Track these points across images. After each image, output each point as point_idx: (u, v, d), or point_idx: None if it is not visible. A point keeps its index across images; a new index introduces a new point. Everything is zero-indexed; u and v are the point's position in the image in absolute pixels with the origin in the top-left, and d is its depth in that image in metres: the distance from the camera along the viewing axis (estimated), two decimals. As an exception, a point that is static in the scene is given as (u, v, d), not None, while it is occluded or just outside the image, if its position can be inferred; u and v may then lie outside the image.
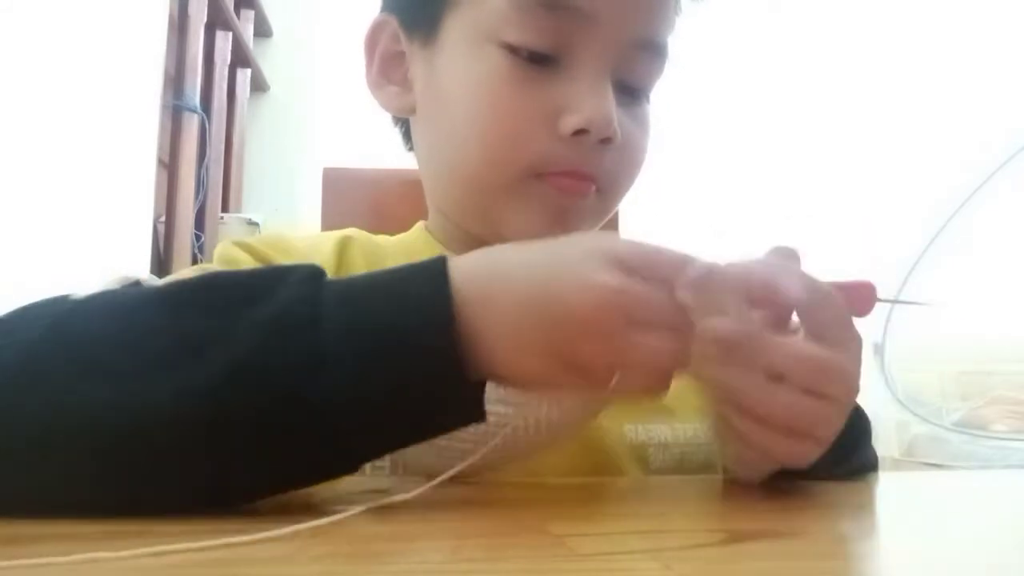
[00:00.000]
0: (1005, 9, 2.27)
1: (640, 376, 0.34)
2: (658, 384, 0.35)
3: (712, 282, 0.34)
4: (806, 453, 0.38)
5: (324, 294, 0.33)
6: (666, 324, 0.34)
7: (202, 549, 0.26)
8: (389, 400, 0.32)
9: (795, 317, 0.38)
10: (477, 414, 0.35)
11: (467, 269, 0.35)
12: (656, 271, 0.34)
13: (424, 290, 0.34)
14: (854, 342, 0.37)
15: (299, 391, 0.31)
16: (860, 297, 0.39)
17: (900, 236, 2.14)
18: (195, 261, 1.79)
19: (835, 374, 0.36)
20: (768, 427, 0.36)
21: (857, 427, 0.48)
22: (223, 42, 2.06)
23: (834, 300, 0.37)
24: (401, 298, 0.34)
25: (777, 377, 0.35)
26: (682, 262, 0.34)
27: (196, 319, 0.33)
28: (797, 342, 0.37)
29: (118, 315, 0.34)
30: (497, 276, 0.35)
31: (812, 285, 0.37)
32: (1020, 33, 2.21)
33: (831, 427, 0.38)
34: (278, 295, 0.33)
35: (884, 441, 2.05)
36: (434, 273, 0.34)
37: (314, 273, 0.35)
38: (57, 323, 0.33)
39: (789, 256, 0.40)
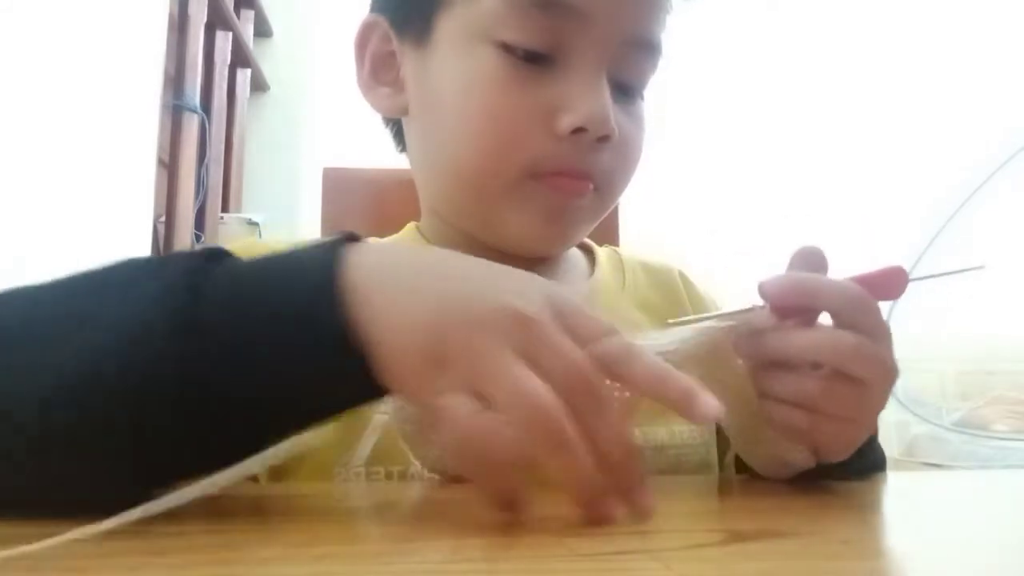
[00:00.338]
0: (1005, 9, 2.27)
1: (473, 421, 0.29)
2: (478, 463, 0.30)
3: (618, 365, 0.31)
4: (851, 437, 0.40)
5: (215, 267, 0.32)
6: (557, 378, 0.29)
7: (195, 540, 0.26)
8: (260, 368, 0.30)
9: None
10: (367, 392, 0.32)
11: (372, 249, 0.33)
12: (581, 329, 0.31)
13: (312, 263, 0.32)
14: (883, 331, 0.38)
15: (168, 354, 0.30)
16: (891, 283, 0.39)
17: (900, 236, 2.14)
18: (195, 261, 1.78)
19: (869, 357, 0.37)
20: (811, 414, 0.37)
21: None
22: (223, 42, 2.06)
23: (864, 300, 0.38)
24: (287, 268, 0.32)
25: (816, 365, 0.37)
26: (604, 334, 0.32)
27: (91, 299, 0.32)
28: (829, 329, 0.38)
29: (18, 304, 0.34)
30: (405, 257, 0.34)
31: (843, 292, 0.38)
32: (1020, 33, 2.21)
33: (872, 410, 0.39)
34: (167, 271, 0.32)
35: (884, 441, 2.05)
36: (329, 248, 0.32)
37: (215, 252, 0.34)
38: None
39: (813, 255, 0.41)
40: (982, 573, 0.26)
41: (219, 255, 0.34)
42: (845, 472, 0.46)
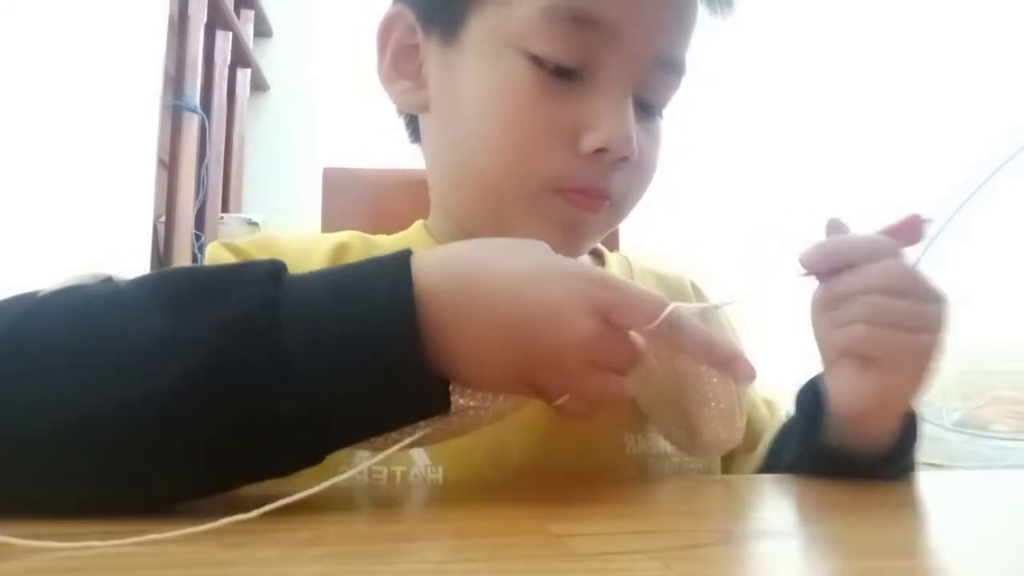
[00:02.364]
0: (1006, 7, 2.27)
1: (586, 402, 0.37)
2: (597, 409, 0.38)
3: (675, 334, 0.38)
4: (916, 349, 0.44)
5: (284, 295, 0.33)
6: (623, 366, 0.37)
7: (195, 541, 0.26)
8: (351, 403, 0.33)
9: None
10: (442, 408, 0.36)
11: (436, 275, 0.35)
12: (631, 319, 0.37)
13: (387, 295, 0.33)
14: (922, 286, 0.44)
15: (261, 397, 0.31)
16: (911, 229, 0.45)
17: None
18: (195, 261, 1.79)
19: (915, 281, 0.43)
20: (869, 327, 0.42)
21: (916, 426, 0.50)
22: (223, 42, 2.06)
23: (893, 252, 0.43)
24: (363, 304, 0.33)
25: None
26: (656, 311, 0.36)
27: (156, 321, 0.32)
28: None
29: (77, 317, 0.33)
30: (472, 293, 0.36)
31: (874, 246, 0.43)
32: (1020, 31, 2.21)
33: (939, 323, 0.44)
34: (237, 294, 0.33)
35: (884, 441, 2.05)
36: (398, 276, 0.34)
37: (273, 270, 0.35)
38: (17, 323, 0.33)
39: (839, 226, 0.45)
40: (982, 573, 0.26)
41: (279, 271, 0.35)
42: (894, 468, 0.47)
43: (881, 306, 0.42)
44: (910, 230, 0.44)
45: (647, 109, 0.54)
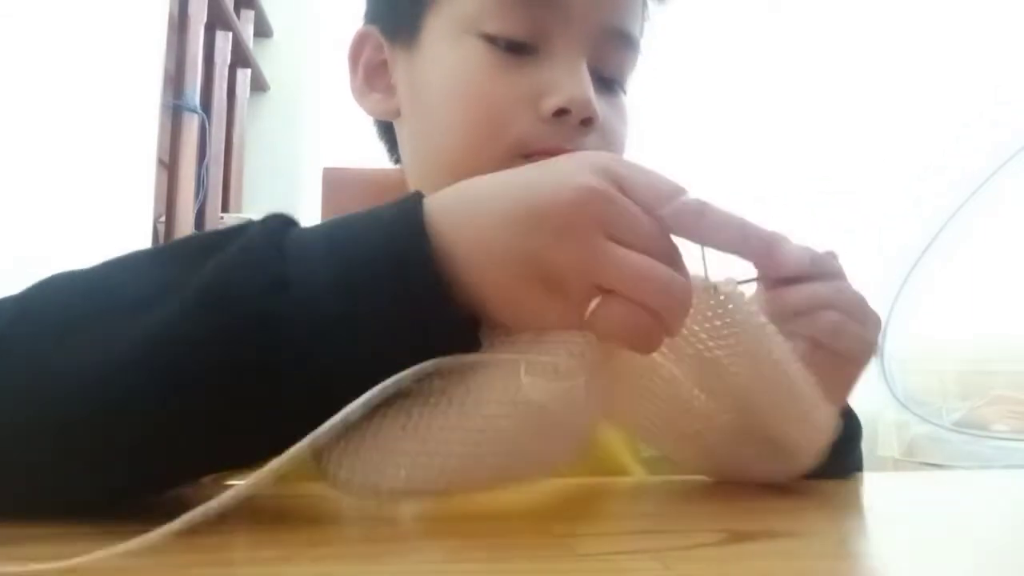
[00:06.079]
0: (1006, 7, 2.27)
1: (621, 308, 0.31)
2: (642, 334, 0.31)
3: (691, 225, 0.33)
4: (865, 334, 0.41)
5: (291, 229, 0.33)
6: (645, 246, 0.31)
7: (195, 540, 0.26)
8: (358, 317, 0.30)
9: None
10: (465, 337, 0.32)
11: (441, 199, 0.34)
12: (642, 192, 0.32)
13: (395, 213, 0.33)
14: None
15: (264, 311, 0.30)
16: None
17: (900, 235, 2.14)
18: (195, 261, 1.79)
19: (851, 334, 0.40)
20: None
21: (851, 427, 0.49)
22: (223, 42, 2.06)
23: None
24: (370, 222, 0.33)
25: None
26: (674, 192, 0.32)
27: (163, 273, 0.33)
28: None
29: (83, 280, 0.34)
30: (474, 195, 0.34)
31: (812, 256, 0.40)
32: (1020, 31, 2.21)
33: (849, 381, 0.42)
34: (241, 237, 0.33)
35: (884, 441, 2.05)
36: (407, 202, 0.33)
37: (284, 218, 0.35)
38: (26, 293, 0.33)
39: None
40: (981, 573, 0.26)
41: (289, 218, 0.34)
42: (832, 470, 0.46)
43: (837, 326, 0.40)
44: None
45: (607, 85, 0.56)
